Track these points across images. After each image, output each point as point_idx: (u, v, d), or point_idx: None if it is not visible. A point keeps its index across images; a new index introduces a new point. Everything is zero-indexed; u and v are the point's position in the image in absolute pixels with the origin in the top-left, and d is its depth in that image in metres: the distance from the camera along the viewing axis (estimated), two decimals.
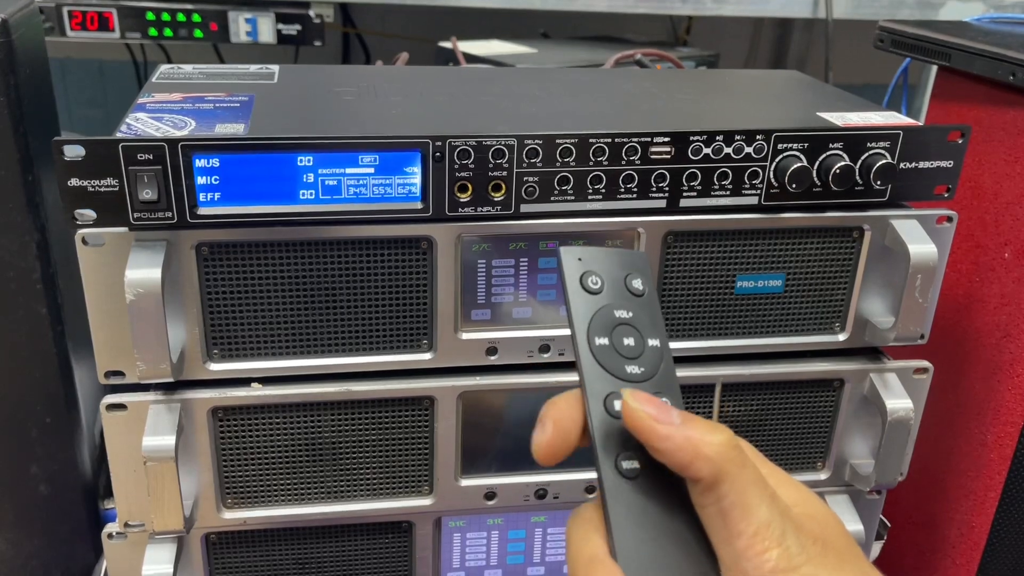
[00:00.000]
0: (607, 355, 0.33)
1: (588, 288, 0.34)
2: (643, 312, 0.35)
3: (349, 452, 0.60)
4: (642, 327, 0.34)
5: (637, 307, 0.35)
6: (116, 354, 0.55)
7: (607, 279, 0.35)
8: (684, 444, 0.31)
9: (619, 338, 0.34)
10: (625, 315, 0.34)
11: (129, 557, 0.59)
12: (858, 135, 0.59)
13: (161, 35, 1.14)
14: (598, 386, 0.33)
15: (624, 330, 0.34)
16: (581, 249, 0.35)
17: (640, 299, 0.35)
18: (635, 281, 0.35)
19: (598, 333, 0.33)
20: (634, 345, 0.34)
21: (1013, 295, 0.69)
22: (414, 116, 0.60)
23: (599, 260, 0.35)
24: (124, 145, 0.49)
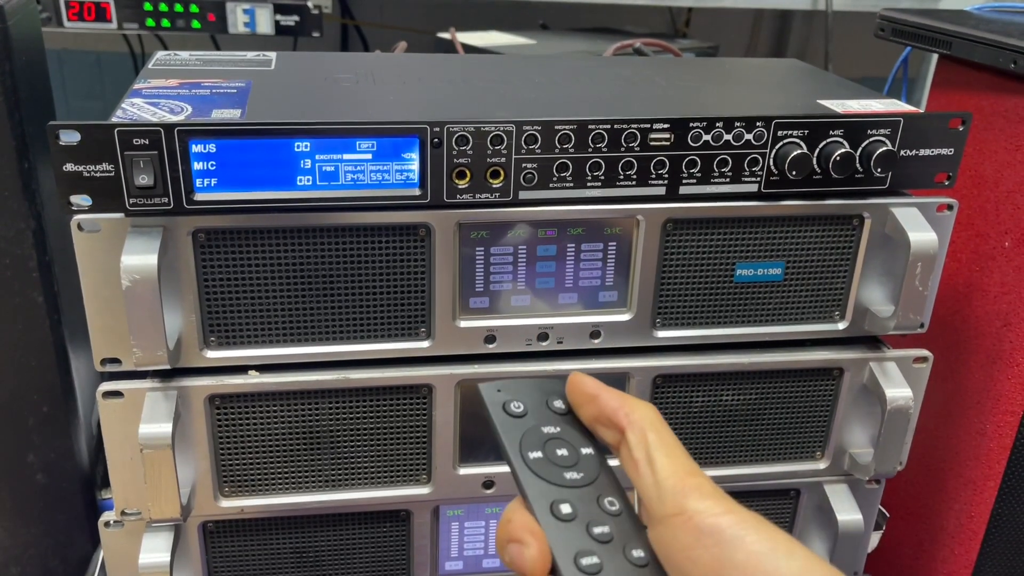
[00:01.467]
0: (543, 466, 0.34)
1: (512, 413, 0.36)
2: (570, 427, 0.36)
3: (347, 440, 0.60)
4: (571, 439, 0.36)
5: (563, 424, 0.36)
6: (112, 341, 0.54)
7: (529, 403, 0.36)
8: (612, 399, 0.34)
9: (551, 450, 0.35)
10: (553, 430, 0.36)
11: (126, 545, 0.59)
12: (858, 122, 0.58)
13: (159, 26, 1.13)
14: (542, 499, 0.34)
15: (555, 443, 0.35)
16: (499, 383, 0.37)
17: (565, 416, 0.37)
18: (556, 402, 0.37)
19: (530, 448, 0.35)
20: (567, 455, 0.35)
21: (1013, 284, 0.68)
22: (412, 102, 0.59)
23: (518, 389, 0.37)
24: (120, 130, 0.49)
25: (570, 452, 0.35)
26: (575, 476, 0.34)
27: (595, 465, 0.35)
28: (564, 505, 0.33)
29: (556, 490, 0.34)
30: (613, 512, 0.34)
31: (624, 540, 0.33)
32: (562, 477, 0.34)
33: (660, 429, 0.34)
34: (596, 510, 0.34)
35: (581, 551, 0.33)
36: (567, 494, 0.34)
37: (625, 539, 0.33)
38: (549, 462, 0.35)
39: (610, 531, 0.34)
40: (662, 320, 0.61)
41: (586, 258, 0.59)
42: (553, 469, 0.34)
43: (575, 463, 0.35)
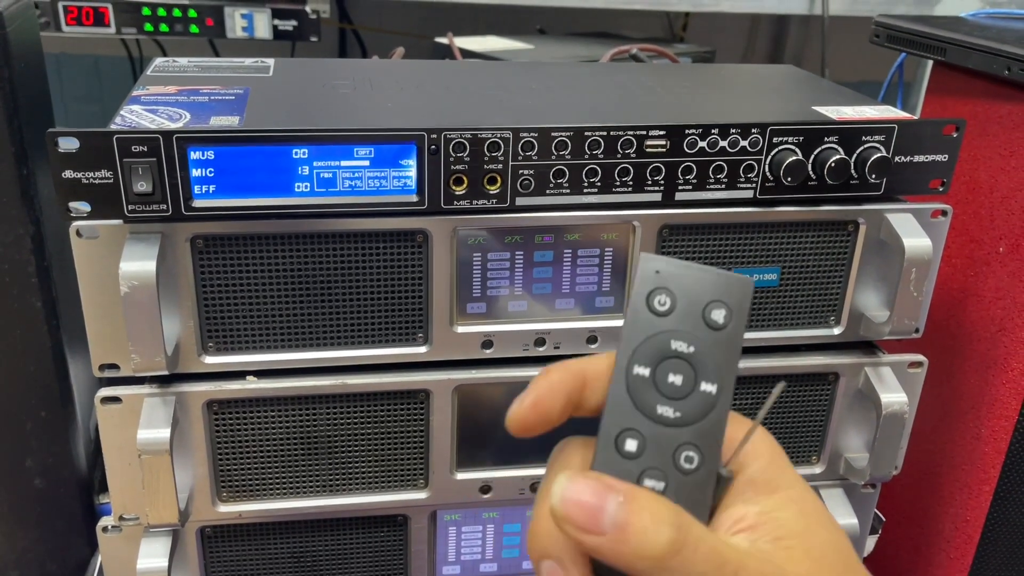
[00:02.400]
0: (640, 387, 0.29)
1: (652, 307, 0.30)
2: (712, 350, 0.30)
3: (344, 445, 0.60)
4: (701, 366, 0.30)
5: (707, 342, 0.30)
6: (111, 347, 0.55)
7: (681, 302, 0.30)
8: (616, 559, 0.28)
9: (664, 372, 0.29)
10: (684, 348, 0.30)
11: (124, 550, 0.59)
12: (853, 129, 0.59)
13: (157, 30, 1.13)
14: (616, 416, 0.29)
15: (675, 364, 0.30)
16: (664, 261, 0.30)
17: (716, 333, 0.30)
18: (717, 312, 0.30)
19: (640, 361, 0.29)
20: (680, 384, 0.29)
21: (1008, 289, 0.69)
22: (409, 109, 0.60)
23: (680, 278, 0.30)
24: (118, 137, 0.49)
25: (686, 381, 0.29)
26: (668, 413, 0.29)
27: (705, 407, 0.29)
28: (632, 441, 0.29)
29: (636, 418, 0.29)
30: (685, 470, 0.29)
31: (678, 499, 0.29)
32: (652, 409, 0.29)
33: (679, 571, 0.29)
34: (666, 460, 0.29)
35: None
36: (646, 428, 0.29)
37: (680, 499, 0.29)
38: (651, 385, 0.29)
39: (664, 487, 0.30)
40: None
41: (583, 264, 0.60)
42: (650, 395, 0.29)
43: (682, 396, 0.29)
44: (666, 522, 0.28)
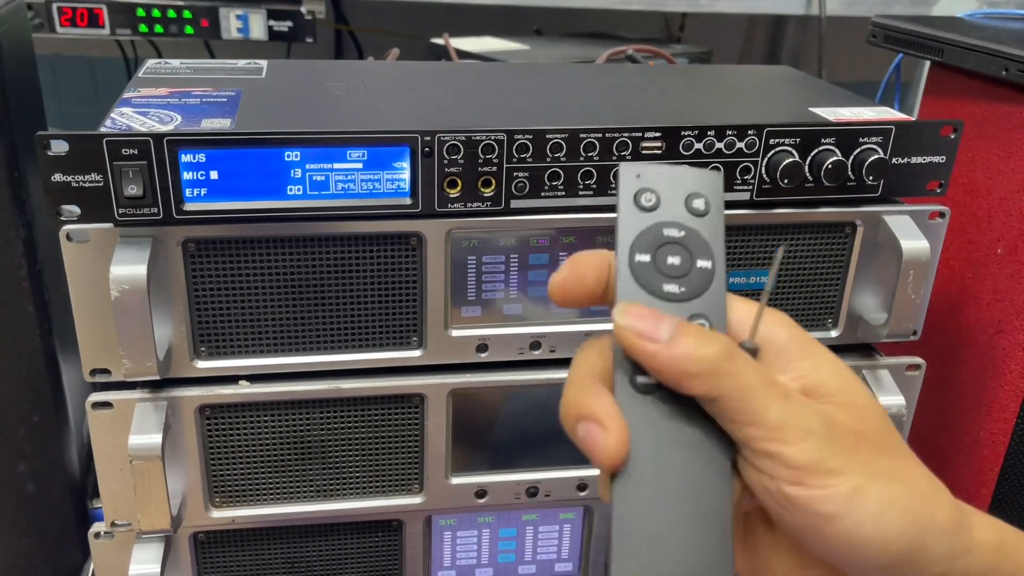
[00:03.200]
0: (645, 272, 0.32)
1: (640, 205, 0.33)
2: (700, 232, 0.33)
3: (338, 450, 0.60)
4: (694, 247, 0.32)
5: (693, 227, 0.33)
6: (102, 352, 0.54)
7: (664, 197, 0.33)
8: (670, 363, 0.30)
9: (663, 256, 0.32)
10: (676, 234, 0.32)
11: (116, 557, 0.59)
12: (850, 130, 0.58)
13: (152, 32, 1.13)
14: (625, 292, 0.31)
15: (671, 248, 0.32)
16: (642, 166, 0.33)
17: (700, 219, 0.33)
18: (697, 201, 0.33)
19: (640, 250, 0.32)
20: (679, 264, 0.32)
21: (1006, 291, 0.68)
22: (403, 111, 0.59)
23: (659, 178, 0.33)
24: (108, 140, 0.49)
25: (683, 261, 0.32)
26: (674, 290, 0.32)
27: (704, 281, 0.32)
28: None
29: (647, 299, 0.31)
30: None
31: None
32: (660, 288, 0.32)
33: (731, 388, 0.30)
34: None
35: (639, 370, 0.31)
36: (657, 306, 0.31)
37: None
38: (654, 268, 0.32)
39: None
40: None
41: None
42: (654, 277, 0.32)
43: (683, 274, 0.32)
44: (717, 338, 0.30)
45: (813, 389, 0.32)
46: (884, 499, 0.30)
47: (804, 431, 0.30)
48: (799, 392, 0.32)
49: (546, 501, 0.64)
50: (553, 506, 0.66)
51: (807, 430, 0.30)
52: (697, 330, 0.31)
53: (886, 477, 0.30)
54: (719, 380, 0.30)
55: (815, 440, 0.30)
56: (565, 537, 0.68)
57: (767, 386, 0.30)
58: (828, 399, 0.32)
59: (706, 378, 0.30)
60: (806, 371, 0.32)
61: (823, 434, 0.30)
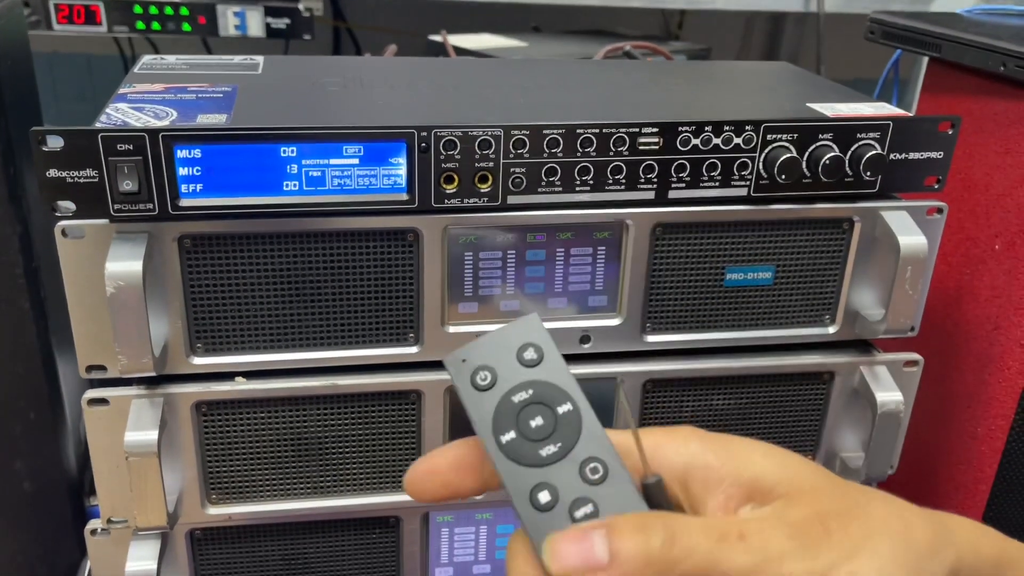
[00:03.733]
0: (517, 449, 0.31)
1: (479, 386, 0.33)
2: (544, 381, 0.33)
3: (335, 447, 0.60)
4: (547, 398, 0.32)
5: (537, 378, 0.33)
6: (98, 348, 0.54)
7: (497, 367, 0.33)
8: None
9: (525, 423, 0.32)
10: (525, 395, 0.32)
11: (113, 553, 0.59)
12: (848, 126, 0.58)
13: (149, 28, 1.13)
14: (520, 488, 0.31)
15: (529, 412, 0.32)
16: (463, 350, 0.33)
17: (538, 367, 0.33)
18: (527, 352, 0.33)
19: (502, 430, 0.32)
20: (543, 423, 0.32)
21: (1004, 287, 0.68)
22: (400, 107, 0.59)
23: (484, 350, 0.33)
24: (104, 135, 0.49)
25: (546, 418, 0.32)
26: (552, 450, 0.31)
27: (575, 424, 0.32)
28: (542, 493, 0.31)
29: (533, 473, 0.31)
30: (596, 480, 0.31)
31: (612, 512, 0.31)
32: (538, 456, 0.31)
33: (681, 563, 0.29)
34: (578, 484, 0.31)
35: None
36: (546, 475, 0.31)
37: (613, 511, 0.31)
38: (524, 440, 0.31)
39: (594, 508, 0.31)
40: (652, 324, 0.61)
41: (575, 263, 0.59)
42: (528, 448, 0.31)
43: (552, 431, 0.32)
44: (652, 526, 0.29)
45: (753, 491, 0.31)
46: (875, 567, 0.29)
47: (778, 556, 0.29)
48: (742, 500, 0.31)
49: None
50: None
51: (780, 553, 0.29)
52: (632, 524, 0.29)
53: (866, 543, 0.30)
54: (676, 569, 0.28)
55: (791, 557, 0.29)
56: None
57: (721, 540, 0.29)
58: (772, 494, 0.31)
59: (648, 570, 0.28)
60: (736, 475, 0.31)
61: (795, 546, 0.29)
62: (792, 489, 0.31)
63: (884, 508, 0.31)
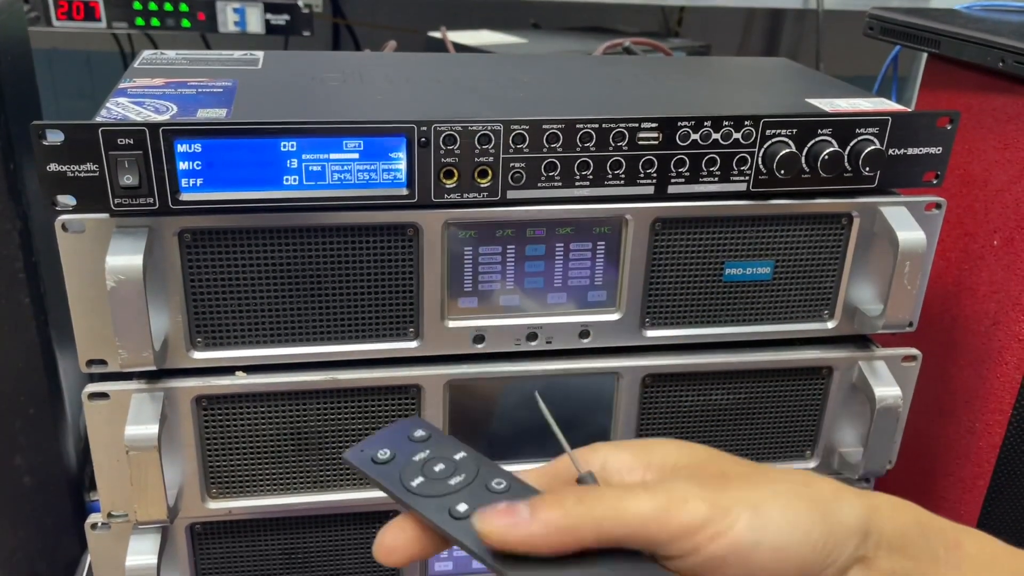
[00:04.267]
0: (429, 487, 0.35)
1: (380, 461, 0.37)
2: (436, 445, 0.38)
3: (335, 441, 0.60)
4: (442, 451, 0.37)
5: (429, 446, 0.38)
6: (98, 342, 0.54)
7: (392, 445, 0.38)
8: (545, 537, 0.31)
9: (429, 469, 0.36)
10: (423, 454, 0.37)
11: (113, 548, 0.59)
12: (847, 121, 0.58)
13: (148, 25, 1.13)
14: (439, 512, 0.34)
15: (431, 463, 0.37)
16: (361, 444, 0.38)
17: (428, 441, 0.38)
18: (417, 432, 0.38)
19: (411, 479, 0.36)
20: (445, 467, 0.36)
21: (1002, 283, 0.69)
22: (399, 101, 0.59)
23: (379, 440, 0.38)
24: (104, 130, 0.49)
25: (447, 463, 0.36)
26: (459, 479, 0.36)
27: (473, 462, 0.36)
28: (460, 505, 0.34)
29: (448, 498, 0.35)
30: (502, 490, 0.35)
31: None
32: (448, 485, 0.36)
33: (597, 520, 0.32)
34: (488, 495, 0.35)
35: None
36: (458, 497, 0.35)
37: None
38: (433, 480, 0.36)
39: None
40: (651, 319, 0.61)
41: (575, 258, 0.59)
42: (438, 483, 0.36)
43: (455, 469, 0.36)
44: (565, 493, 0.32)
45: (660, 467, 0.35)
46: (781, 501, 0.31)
47: (682, 496, 0.31)
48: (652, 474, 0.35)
49: None
50: None
51: (684, 494, 0.31)
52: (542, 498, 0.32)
53: (764, 485, 0.32)
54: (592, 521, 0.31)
55: (695, 499, 0.31)
56: None
57: (626, 492, 0.32)
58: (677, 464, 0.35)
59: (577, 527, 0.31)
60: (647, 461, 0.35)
61: (696, 489, 0.31)
62: (694, 463, 0.35)
63: (786, 471, 0.34)
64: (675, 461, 0.35)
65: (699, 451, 0.36)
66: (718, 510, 0.31)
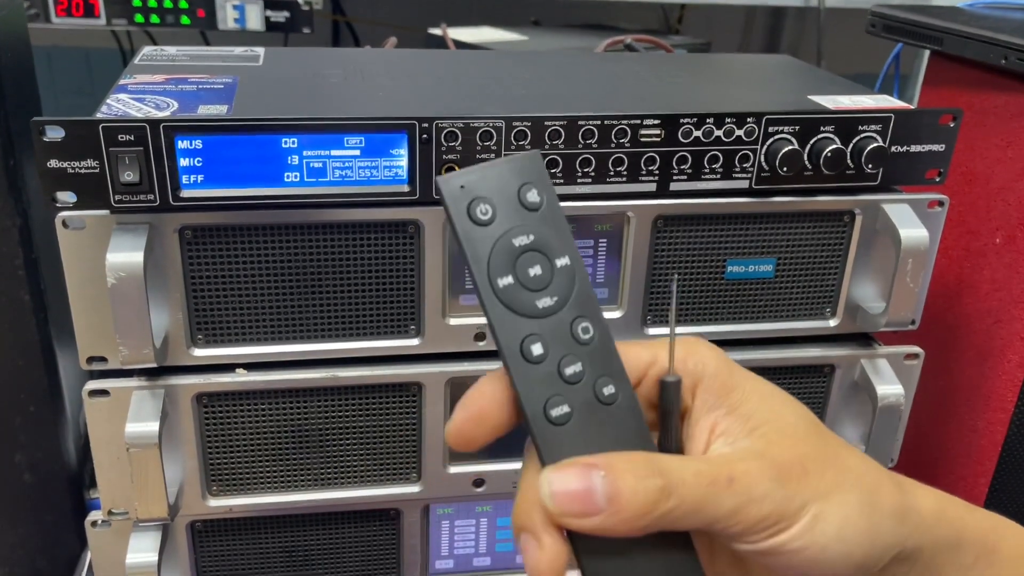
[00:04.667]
0: (514, 295, 0.30)
1: (478, 220, 0.30)
2: (544, 228, 0.31)
3: (336, 439, 0.60)
4: (546, 247, 0.31)
5: (537, 224, 0.31)
6: (98, 339, 0.54)
7: (498, 202, 0.30)
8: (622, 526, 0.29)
9: (523, 270, 0.30)
10: (526, 240, 0.30)
11: (113, 545, 0.59)
12: (849, 118, 0.58)
13: (148, 21, 1.12)
14: (511, 333, 0.30)
15: (528, 258, 0.30)
16: (463, 174, 0.30)
17: (539, 212, 0.31)
18: (530, 193, 0.31)
19: (500, 273, 0.30)
20: (541, 273, 0.30)
21: (1004, 281, 0.68)
22: (401, 98, 0.59)
23: (485, 181, 0.30)
24: (104, 126, 0.48)
25: (544, 268, 0.30)
26: (548, 302, 0.30)
27: (569, 279, 0.31)
28: (536, 345, 0.30)
29: (527, 323, 0.30)
30: (586, 340, 0.31)
31: (595, 375, 0.31)
32: (534, 306, 0.30)
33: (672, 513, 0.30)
34: (569, 341, 0.31)
35: (551, 399, 0.30)
36: (539, 327, 0.30)
37: (596, 373, 0.31)
38: (520, 287, 0.30)
39: (581, 368, 0.31)
40: (653, 317, 0.61)
41: None
42: (525, 297, 0.30)
43: (548, 282, 0.30)
44: (649, 472, 0.29)
45: (742, 422, 0.33)
46: (842, 513, 0.31)
47: (760, 497, 0.30)
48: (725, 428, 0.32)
49: None
50: None
51: (762, 495, 0.30)
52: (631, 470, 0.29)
53: (836, 490, 0.31)
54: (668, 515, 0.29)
55: (770, 499, 0.30)
56: None
57: (711, 485, 0.30)
58: (758, 431, 0.32)
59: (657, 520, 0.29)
60: (733, 405, 0.33)
61: (773, 488, 0.30)
62: (778, 430, 0.32)
63: (860, 463, 0.33)
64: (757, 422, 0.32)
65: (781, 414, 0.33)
66: (788, 509, 0.30)
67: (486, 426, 0.32)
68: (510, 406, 0.32)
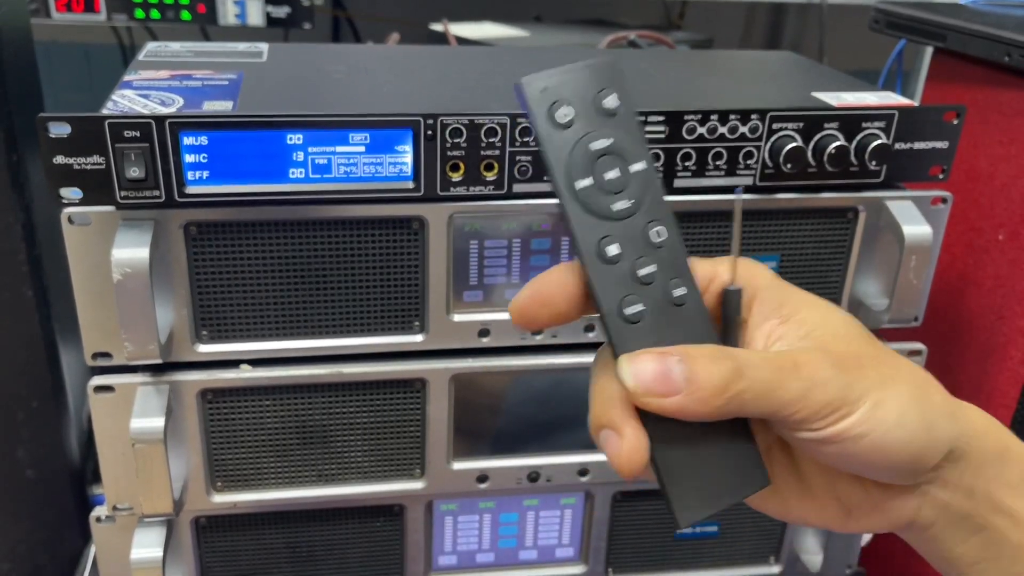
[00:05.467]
0: (592, 197, 0.31)
1: (559, 123, 0.31)
2: (621, 133, 0.31)
3: (340, 435, 0.60)
4: (623, 152, 0.31)
5: (614, 129, 0.31)
6: (103, 335, 0.54)
7: (578, 106, 0.31)
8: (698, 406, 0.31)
9: (601, 173, 0.31)
10: (603, 143, 0.31)
11: (118, 541, 0.59)
12: (853, 115, 0.58)
13: (148, 17, 1.12)
14: (588, 234, 0.31)
15: (605, 162, 0.31)
16: (544, 76, 0.31)
17: (616, 118, 0.32)
18: (608, 99, 0.32)
19: (579, 175, 0.31)
20: (618, 176, 0.31)
21: (1007, 277, 0.68)
22: (405, 94, 0.59)
23: (566, 85, 0.31)
24: (110, 122, 0.48)
25: (621, 172, 0.31)
26: (624, 205, 0.31)
27: (644, 183, 0.32)
28: (612, 246, 0.31)
29: (604, 225, 0.31)
30: (658, 244, 0.32)
31: (667, 277, 0.32)
32: (610, 209, 0.31)
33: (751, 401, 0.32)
34: (643, 244, 0.32)
35: (626, 298, 0.31)
36: (615, 228, 0.31)
37: (668, 275, 0.32)
38: (598, 190, 0.31)
39: (655, 270, 0.32)
40: None
41: None
42: (602, 199, 0.31)
43: (625, 186, 0.31)
44: (720, 357, 0.31)
45: (796, 327, 0.35)
46: (899, 403, 0.32)
47: (823, 382, 0.32)
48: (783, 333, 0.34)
49: (547, 486, 0.64)
50: (554, 491, 0.66)
51: (825, 379, 0.32)
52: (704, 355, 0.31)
53: (891, 382, 0.33)
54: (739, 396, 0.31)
55: (833, 383, 0.32)
56: (566, 522, 0.68)
57: (778, 371, 0.32)
58: (813, 334, 0.34)
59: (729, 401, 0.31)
60: (787, 313, 0.35)
61: (835, 374, 0.32)
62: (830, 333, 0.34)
63: (909, 363, 0.35)
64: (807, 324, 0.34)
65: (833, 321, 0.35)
66: (849, 396, 0.32)
67: (549, 310, 0.33)
68: (576, 299, 0.33)
